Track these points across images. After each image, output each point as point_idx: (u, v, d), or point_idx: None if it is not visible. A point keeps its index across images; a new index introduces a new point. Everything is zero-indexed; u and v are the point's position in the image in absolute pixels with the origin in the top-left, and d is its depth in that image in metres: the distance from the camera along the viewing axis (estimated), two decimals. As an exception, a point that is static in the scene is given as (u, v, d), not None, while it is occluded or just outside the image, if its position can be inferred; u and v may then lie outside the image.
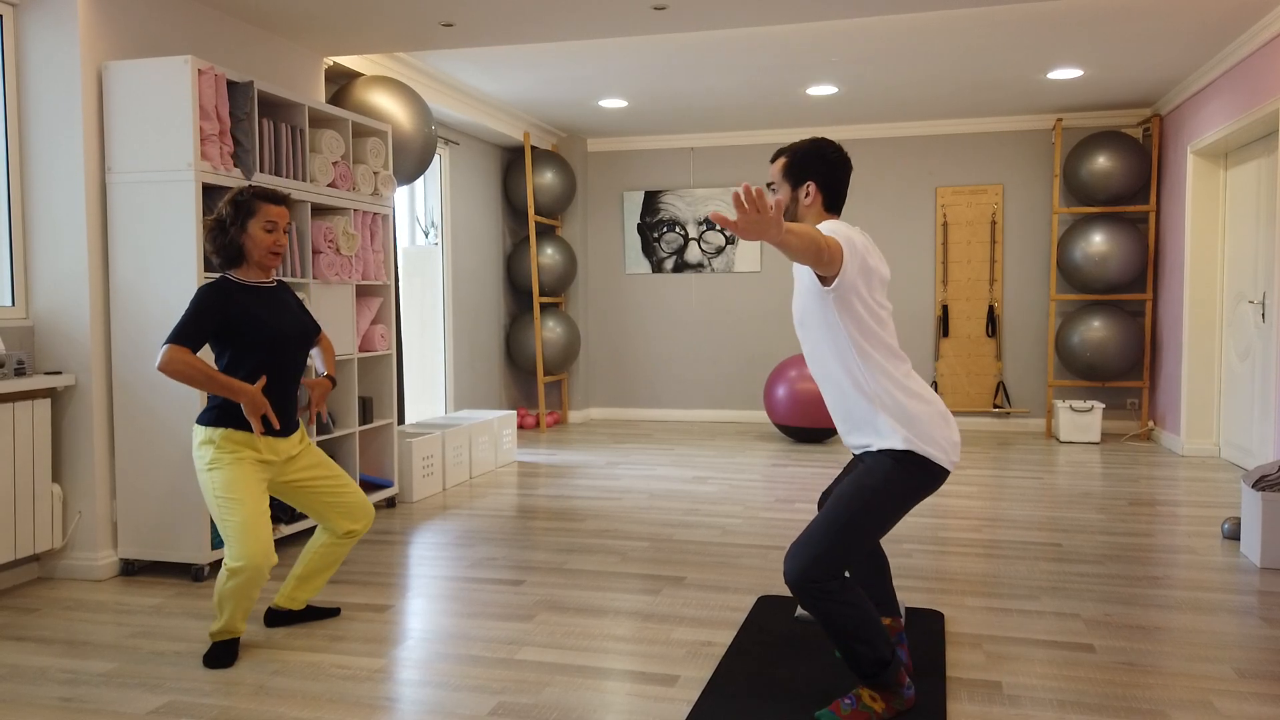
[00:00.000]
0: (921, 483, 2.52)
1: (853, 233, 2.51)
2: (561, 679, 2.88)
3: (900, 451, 2.50)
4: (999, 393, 8.20)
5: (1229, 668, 2.93)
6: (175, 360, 2.88)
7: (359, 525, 3.29)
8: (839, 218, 2.67)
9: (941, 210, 8.24)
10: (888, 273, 2.61)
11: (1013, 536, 4.54)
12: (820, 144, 2.64)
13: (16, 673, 2.97)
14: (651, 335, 8.95)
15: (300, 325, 3.18)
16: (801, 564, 2.45)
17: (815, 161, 2.62)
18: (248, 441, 3.02)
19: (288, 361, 3.12)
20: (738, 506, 5.23)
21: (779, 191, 2.68)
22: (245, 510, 2.96)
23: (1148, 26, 5.39)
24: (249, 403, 2.96)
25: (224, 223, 3.05)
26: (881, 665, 2.50)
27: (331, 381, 3.33)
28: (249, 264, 3.10)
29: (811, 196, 2.63)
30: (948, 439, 2.53)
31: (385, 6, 4.58)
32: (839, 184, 2.65)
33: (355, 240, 4.76)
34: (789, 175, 2.65)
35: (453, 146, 7.57)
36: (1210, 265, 6.77)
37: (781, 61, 6.12)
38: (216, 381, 2.92)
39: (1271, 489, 4.04)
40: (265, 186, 3.11)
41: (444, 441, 5.76)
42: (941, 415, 2.55)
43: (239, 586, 2.97)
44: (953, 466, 2.55)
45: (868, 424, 2.54)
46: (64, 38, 3.88)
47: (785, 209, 2.65)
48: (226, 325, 3.00)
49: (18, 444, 3.72)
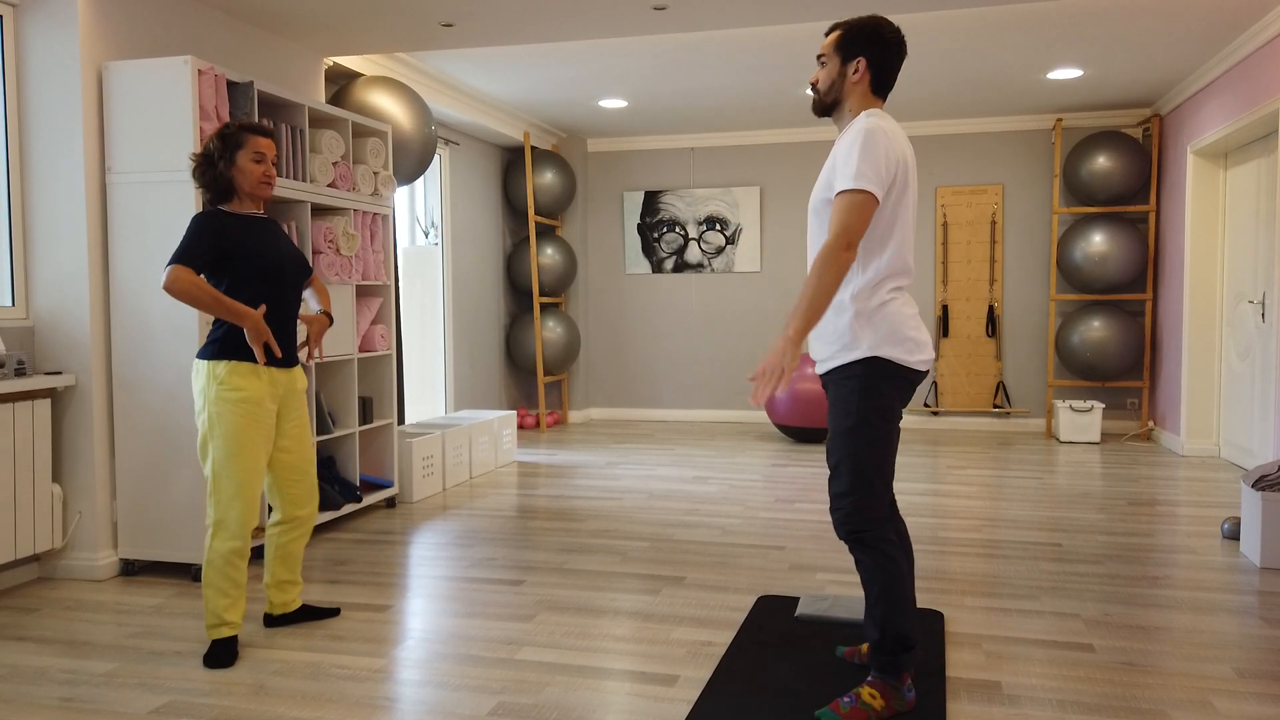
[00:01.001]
0: (894, 387, 2.50)
1: (886, 146, 2.41)
2: (561, 679, 2.88)
3: (862, 362, 2.48)
4: (999, 393, 8.20)
5: (1229, 667, 2.93)
6: (181, 279, 2.88)
7: (303, 512, 3.29)
8: (884, 102, 2.60)
9: (941, 210, 8.24)
10: (915, 182, 2.55)
11: (1012, 536, 4.54)
12: (878, 22, 2.56)
13: (16, 673, 2.97)
14: (652, 335, 8.95)
15: (295, 257, 3.20)
16: (841, 518, 2.50)
17: (870, 38, 2.54)
18: (252, 372, 3.02)
19: (284, 292, 3.13)
20: (738, 506, 5.23)
21: (827, 64, 2.59)
22: (245, 466, 2.99)
23: (1148, 26, 5.39)
24: (253, 327, 2.95)
25: (211, 157, 3.04)
26: (903, 644, 2.52)
27: (329, 318, 3.35)
28: (240, 197, 3.10)
29: (860, 74, 2.55)
30: (912, 339, 2.49)
31: (385, 7, 4.58)
32: (890, 66, 2.56)
33: (355, 240, 4.76)
34: (840, 49, 2.57)
35: (453, 147, 7.57)
36: (1210, 265, 6.77)
37: (781, 61, 6.12)
38: (222, 303, 2.92)
39: (1271, 489, 4.04)
40: (248, 120, 3.13)
41: (444, 442, 5.76)
42: (911, 316, 2.52)
43: (222, 549, 2.99)
44: (923, 366, 2.52)
45: (833, 325, 2.51)
46: (64, 38, 3.88)
47: (831, 83, 2.58)
48: (222, 255, 3.00)
49: (18, 444, 3.72)
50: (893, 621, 2.51)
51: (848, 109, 2.59)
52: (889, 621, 2.51)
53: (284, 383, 3.13)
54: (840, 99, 2.59)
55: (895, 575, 2.50)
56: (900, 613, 2.51)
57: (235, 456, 2.98)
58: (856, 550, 2.53)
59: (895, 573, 2.50)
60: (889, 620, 2.51)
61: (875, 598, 2.51)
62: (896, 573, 2.50)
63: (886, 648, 2.53)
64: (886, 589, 2.50)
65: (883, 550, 2.50)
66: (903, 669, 2.54)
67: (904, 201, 2.50)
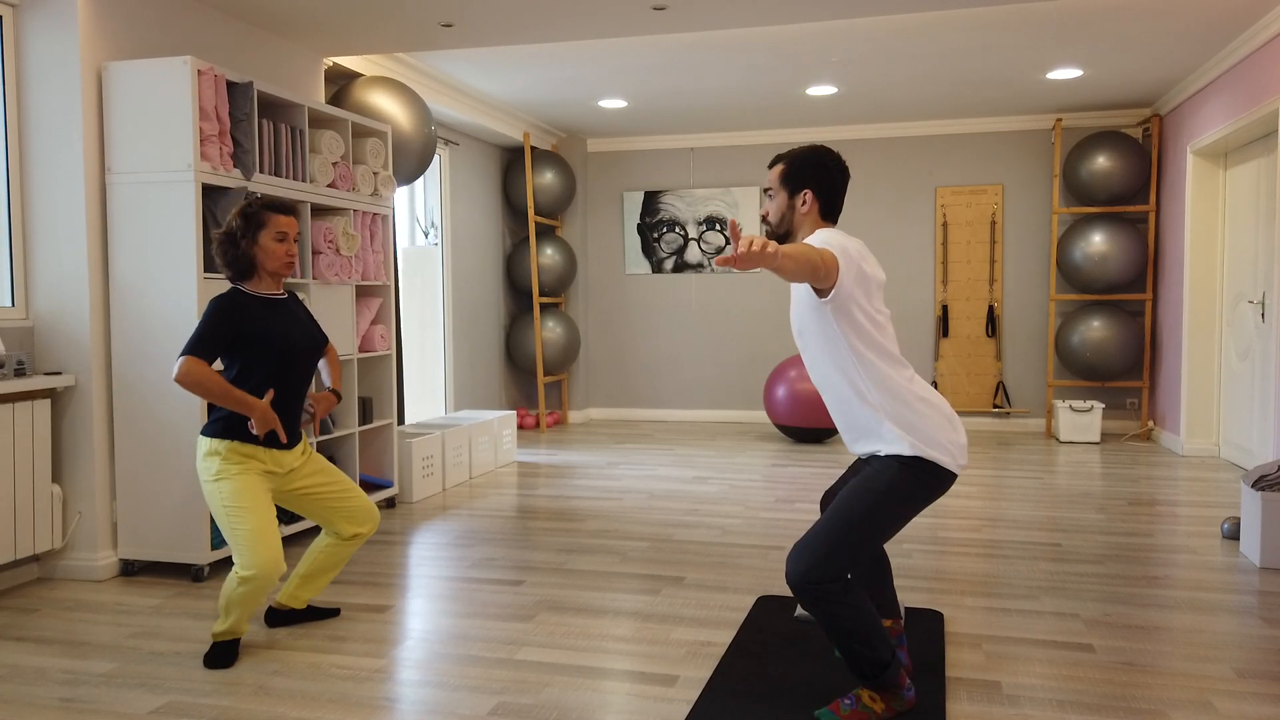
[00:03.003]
0: (928, 487, 2.51)
1: (847, 241, 2.50)
2: (561, 679, 2.88)
3: (907, 457, 2.49)
4: (999, 393, 8.20)
5: (1228, 667, 2.94)
6: (193, 373, 2.89)
7: (365, 529, 3.30)
8: (835, 226, 2.66)
9: (941, 210, 8.24)
10: (883, 277, 2.60)
11: (1012, 536, 4.54)
12: (819, 152, 2.63)
13: (16, 673, 2.97)
14: (651, 335, 8.95)
15: (310, 338, 3.20)
16: (804, 566, 2.45)
17: (813, 169, 2.61)
18: (253, 453, 3.03)
19: (297, 373, 3.14)
20: (737, 507, 5.23)
21: (775, 197, 2.67)
22: (255, 519, 2.96)
23: (1147, 26, 5.39)
24: (259, 418, 2.97)
25: (234, 235, 3.05)
26: (881, 667, 2.50)
27: (336, 396, 3.35)
28: (260, 275, 3.10)
29: (808, 204, 2.62)
30: (954, 442, 2.52)
31: (385, 7, 4.58)
32: (836, 193, 2.63)
33: (355, 241, 4.76)
34: (786, 182, 2.64)
35: (452, 147, 7.57)
36: (1210, 265, 6.77)
37: (781, 61, 6.12)
38: (232, 397, 2.93)
39: (1271, 489, 4.04)
40: (273, 197, 3.12)
41: (444, 442, 5.76)
42: (947, 418, 2.54)
43: (249, 594, 2.98)
44: (960, 470, 2.54)
45: (872, 432, 2.53)
46: (64, 38, 3.88)
47: (781, 215, 2.66)
48: (240, 337, 3.01)
49: (18, 444, 3.72)
50: (864, 657, 2.49)
51: (800, 238, 2.65)
52: (860, 659, 2.49)
53: (286, 463, 3.13)
54: (792, 230, 2.67)
55: (854, 618, 2.46)
56: (869, 646, 2.47)
57: (245, 508, 2.96)
58: (805, 602, 2.47)
59: (853, 615, 2.46)
60: (860, 657, 2.49)
61: (839, 641, 2.48)
62: (854, 615, 2.46)
63: (867, 674, 2.52)
64: (849, 633, 2.47)
65: (836, 601, 2.45)
66: (890, 681, 2.53)
67: (875, 300, 2.53)
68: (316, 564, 3.31)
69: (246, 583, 2.95)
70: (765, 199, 2.70)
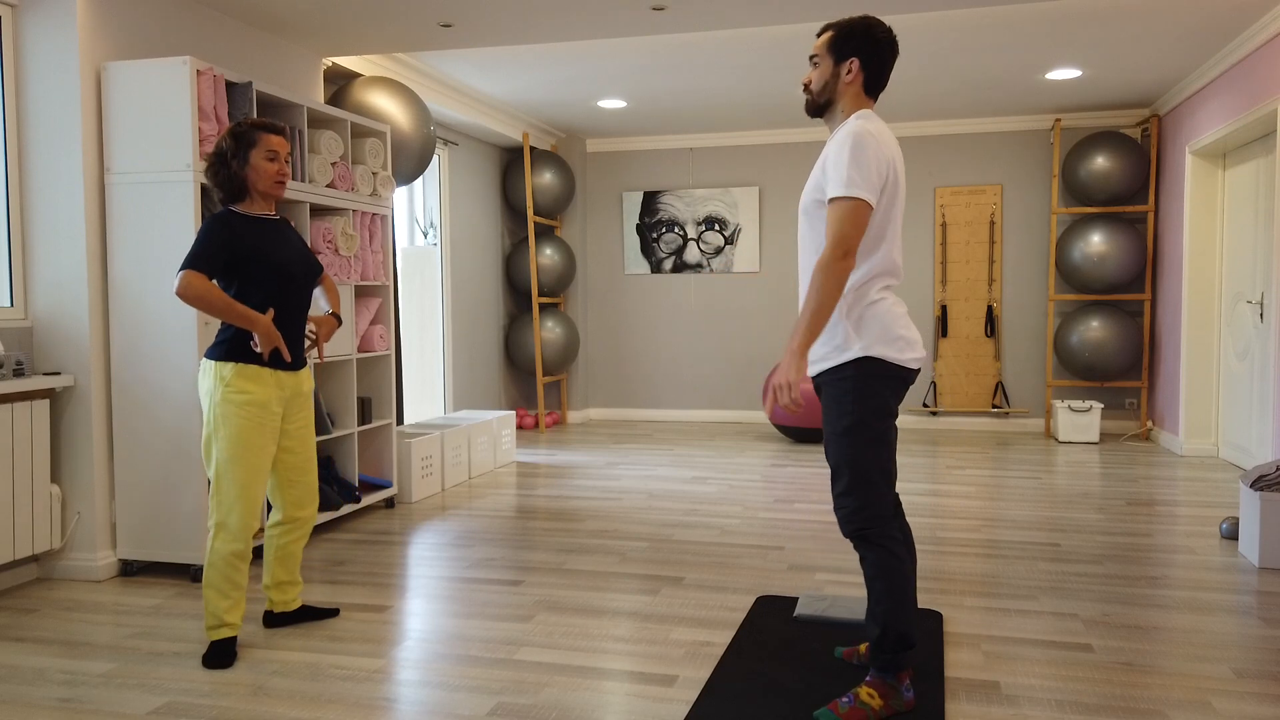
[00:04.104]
0: (886, 387, 2.51)
1: (876, 151, 2.42)
2: (560, 679, 2.88)
3: (853, 362, 2.49)
4: (998, 393, 8.20)
5: (1227, 668, 2.94)
6: (194, 285, 2.87)
7: (304, 513, 3.29)
8: (875, 102, 2.61)
9: (940, 210, 8.24)
10: (904, 182, 2.56)
11: (1011, 536, 4.54)
12: (869, 22, 2.56)
13: (15, 673, 2.97)
14: (650, 336, 8.95)
15: (305, 259, 3.19)
16: (846, 516, 2.53)
17: (862, 39, 2.55)
18: (258, 376, 3.01)
19: (294, 295, 3.13)
20: (736, 507, 5.24)
21: (820, 65, 2.60)
22: (248, 470, 2.98)
23: (1146, 26, 5.39)
24: (263, 333, 2.96)
25: (224, 156, 3.03)
26: (902, 643, 2.52)
27: (337, 319, 3.34)
28: (252, 196, 3.09)
29: (853, 74, 2.56)
30: (903, 337, 2.51)
31: (384, 7, 4.58)
32: (883, 66, 2.57)
33: (354, 241, 4.76)
34: (833, 50, 2.57)
35: (452, 147, 7.57)
36: (1209, 265, 6.78)
37: (780, 61, 6.12)
38: (234, 310, 2.92)
39: (1270, 489, 4.04)
40: (261, 119, 3.11)
41: (443, 442, 5.76)
42: (901, 316, 2.53)
43: (223, 550, 2.99)
44: (915, 364, 2.53)
45: (826, 330, 2.53)
46: (63, 38, 3.88)
47: (825, 83, 2.59)
48: (234, 258, 2.99)
49: (16, 445, 3.72)
50: (895, 619, 2.51)
51: (840, 109, 2.60)
52: (891, 618, 2.51)
53: (290, 385, 3.13)
54: (833, 99, 2.60)
55: (899, 573, 2.51)
56: (903, 611, 2.51)
57: (239, 459, 2.98)
58: (861, 547, 2.54)
59: (899, 570, 2.51)
60: (891, 617, 2.51)
61: (878, 595, 2.52)
62: (900, 570, 2.51)
63: (887, 645, 2.53)
64: (890, 586, 2.51)
65: (887, 548, 2.51)
66: (902, 668, 2.54)
67: (894, 204, 2.52)
68: (277, 573, 3.33)
69: (220, 530, 2.98)
70: (810, 67, 2.64)
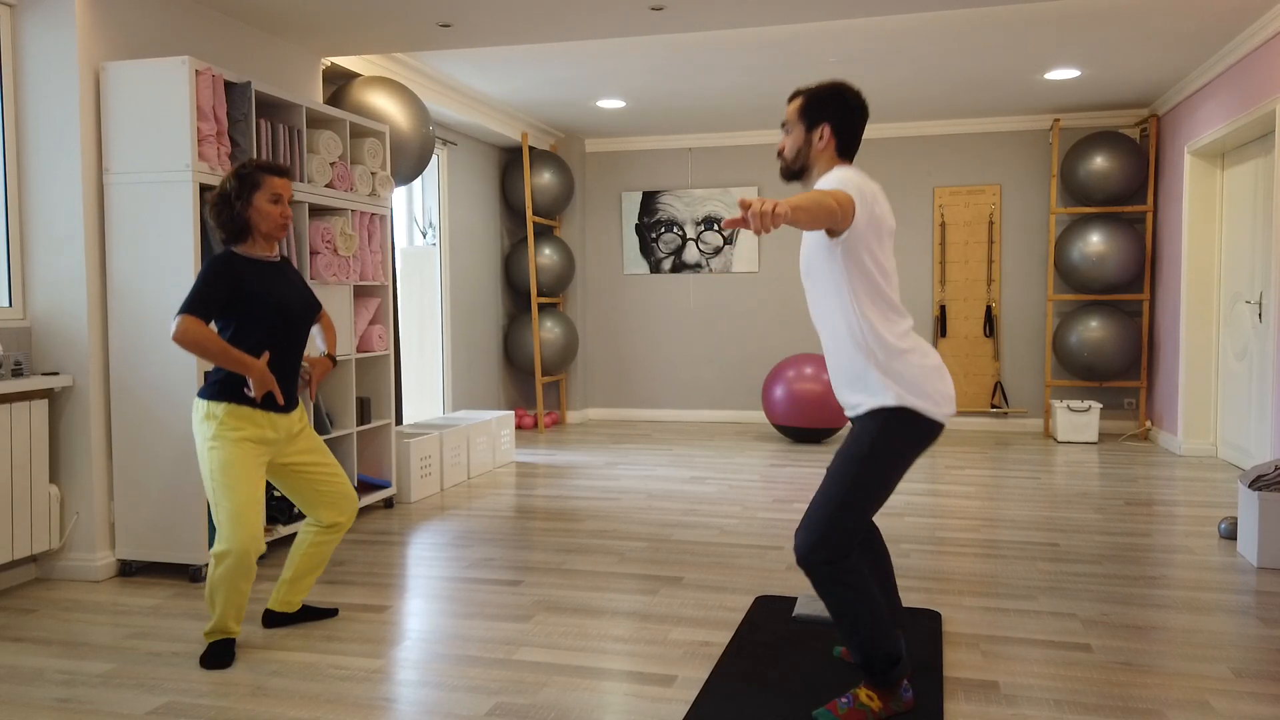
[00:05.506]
0: (914, 438, 2.49)
1: (864, 182, 2.46)
2: (559, 679, 2.88)
3: (889, 409, 2.48)
4: (997, 393, 8.21)
5: (1226, 667, 2.94)
6: (190, 330, 2.88)
7: (343, 517, 3.29)
8: (850, 164, 2.63)
9: (939, 210, 8.25)
10: (894, 224, 2.57)
11: (1010, 536, 4.54)
12: (839, 87, 2.58)
13: (14, 674, 2.97)
14: (650, 335, 8.95)
15: (304, 301, 3.19)
16: (809, 543, 2.46)
17: (833, 104, 2.57)
18: (250, 417, 3.01)
19: (292, 337, 3.13)
20: (736, 507, 5.24)
21: (792, 132, 2.62)
22: (239, 496, 2.96)
23: (1145, 27, 5.40)
24: (257, 378, 2.95)
25: (228, 196, 3.04)
26: (891, 662, 2.50)
27: (332, 360, 3.34)
28: (255, 238, 3.09)
29: (825, 140, 2.58)
30: (940, 391, 2.50)
31: (383, 7, 4.58)
32: (855, 130, 2.59)
33: (353, 241, 4.76)
34: (805, 116, 2.59)
35: (451, 147, 7.57)
36: (1207, 265, 6.78)
37: (780, 61, 6.12)
38: (229, 356, 2.92)
39: (1269, 489, 4.04)
40: (267, 160, 3.12)
41: (442, 442, 5.76)
42: (935, 369, 2.52)
43: (226, 574, 2.98)
44: (946, 419, 2.52)
45: (860, 378, 2.52)
46: (62, 38, 3.88)
47: (798, 150, 2.61)
48: (235, 299, 3.00)
49: (15, 445, 3.71)
50: (875, 645, 2.48)
51: (816, 174, 2.62)
52: (871, 646, 2.48)
53: (284, 428, 3.11)
54: (808, 165, 2.63)
55: (864, 602, 2.45)
56: (879, 634, 2.47)
57: (229, 487, 2.96)
58: (817, 585, 2.48)
59: (862, 600, 2.45)
60: (870, 645, 2.48)
61: (848, 629, 2.47)
62: (863, 600, 2.45)
63: (876, 668, 2.51)
64: (858, 617, 2.46)
65: (845, 582, 2.45)
66: (895, 681, 2.53)
67: (885, 247, 2.51)
68: (300, 566, 3.32)
69: (221, 560, 2.96)
70: (782, 134, 2.65)
